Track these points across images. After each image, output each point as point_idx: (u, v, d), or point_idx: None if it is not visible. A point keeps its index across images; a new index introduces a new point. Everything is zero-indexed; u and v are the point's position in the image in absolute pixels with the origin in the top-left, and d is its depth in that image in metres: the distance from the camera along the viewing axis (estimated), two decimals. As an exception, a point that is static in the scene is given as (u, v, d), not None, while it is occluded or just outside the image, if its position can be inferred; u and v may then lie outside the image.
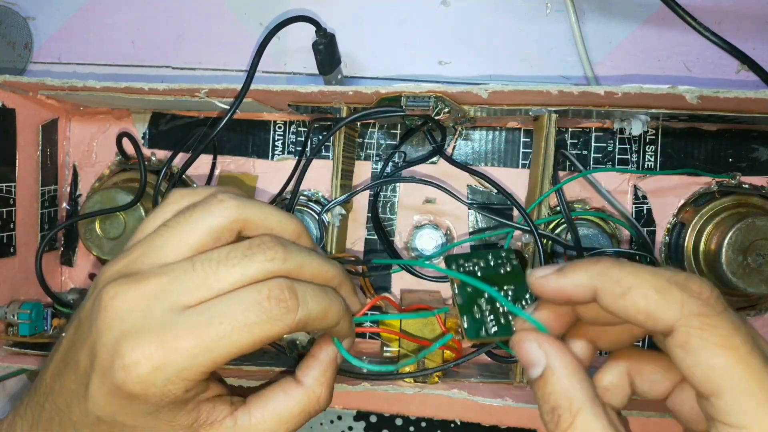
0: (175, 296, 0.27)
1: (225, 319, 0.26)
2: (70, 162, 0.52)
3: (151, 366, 0.26)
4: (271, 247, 0.28)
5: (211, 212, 0.29)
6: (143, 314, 0.26)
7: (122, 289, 0.27)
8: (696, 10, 0.42)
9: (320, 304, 0.28)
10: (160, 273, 0.27)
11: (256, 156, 0.50)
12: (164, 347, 0.26)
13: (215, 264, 0.27)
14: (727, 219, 0.43)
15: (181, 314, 0.26)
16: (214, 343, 0.26)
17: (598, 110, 0.40)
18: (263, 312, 0.26)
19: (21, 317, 0.45)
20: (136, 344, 0.26)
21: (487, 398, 0.39)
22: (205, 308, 0.27)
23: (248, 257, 0.28)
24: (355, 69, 0.50)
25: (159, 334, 0.26)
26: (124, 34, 0.52)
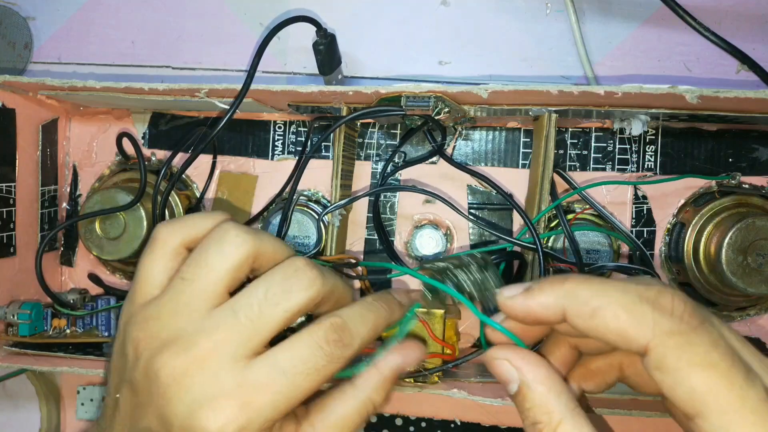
0: (232, 352, 0.27)
1: (294, 368, 0.27)
2: (70, 162, 0.52)
3: (237, 427, 0.26)
4: (308, 273, 0.28)
5: (225, 253, 0.29)
6: (209, 378, 0.27)
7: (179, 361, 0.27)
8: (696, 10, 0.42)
9: (370, 325, 0.30)
10: (207, 332, 0.27)
11: (256, 156, 0.50)
12: (245, 408, 0.26)
13: (257, 308, 0.27)
14: (727, 219, 0.43)
15: (247, 369, 0.27)
16: (290, 392, 0.27)
17: (598, 110, 0.40)
18: (325, 356, 0.27)
19: (21, 317, 0.45)
20: (214, 410, 0.26)
21: (487, 398, 0.39)
22: (272, 360, 0.27)
23: (287, 291, 0.28)
24: (355, 69, 0.50)
25: (235, 395, 0.26)
26: (124, 34, 0.52)
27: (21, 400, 0.54)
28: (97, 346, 0.46)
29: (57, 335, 0.46)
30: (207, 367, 0.27)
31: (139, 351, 0.28)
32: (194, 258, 0.29)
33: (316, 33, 0.46)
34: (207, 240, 0.29)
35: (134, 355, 0.29)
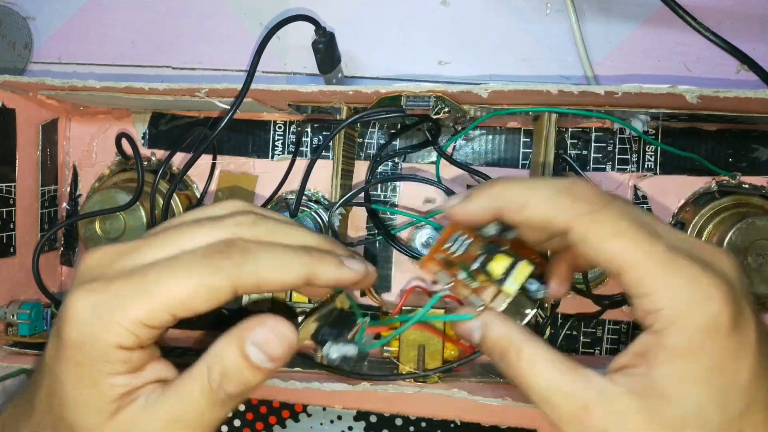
0: (137, 254, 0.27)
1: (164, 266, 0.26)
2: (70, 162, 0.52)
3: (87, 304, 0.25)
4: (242, 213, 0.28)
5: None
6: (98, 270, 0.27)
7: (89, 254, 0.28)
8: (696, 10, 0.42)
9: (275, 258, 0.27)
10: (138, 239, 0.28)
11: (256, 156, 0.50)
12: (104, 288, 0.25)
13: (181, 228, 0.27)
14: (727, 219, 0.43)
15: (132, 268, 0.26)
16: (150, 286, 0.25)
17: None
18: (205, 261, 0.26)
19: (21, 317, 0.45)
20: (79, 291, 0.26)
21: (487, 398, 0.39)
22: (151, 263, 0.26)
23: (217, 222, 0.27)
24: (355, 69, 0.50)
25: (106, 281, 0.26)
26: (124, 34, 0.52)
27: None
28: (97, 346, 0.46)
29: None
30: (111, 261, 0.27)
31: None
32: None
33: (315, 32, 0.46)
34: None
35: None
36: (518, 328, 0.28)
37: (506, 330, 0.28)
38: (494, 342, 0.28)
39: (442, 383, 0.40)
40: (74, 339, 0.25)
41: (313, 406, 0.52)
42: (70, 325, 0.25)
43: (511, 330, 0.28)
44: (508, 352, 0.27)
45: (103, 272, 0.26)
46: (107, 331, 0.25)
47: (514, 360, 0.27)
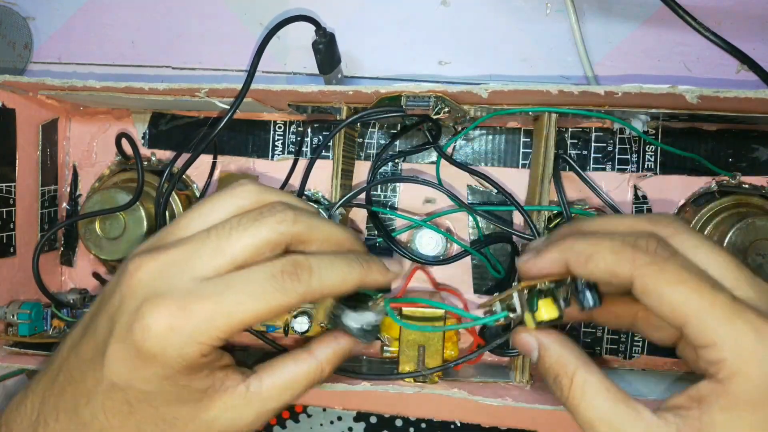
0: (194, 264, 0.28)
1: (241, 288, 0.28)
2: (70, 162, 0.52)
3: (169, 326, 0.27)
4: (281, 210, 0.30)
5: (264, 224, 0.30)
6: (165, 282, 0.28)
7: (145, 260, 0.29)
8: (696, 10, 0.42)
9: (337, 274, 0.30)
10: (179, 244, 0.29)
11: (256, 156, 0.50)
12: (183, 310, 0.27)
13: (228, 230, 0.29)
14: (727, 219, 0.43)
15: (201, 283, 0.28)
16: (229, 308, 0.28)
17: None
18: (276, 283, 0.28)
19: (21, 317, 0.45)
20: (156, 306, 0.27)
21: (488, 398, 0.39)
22: (224, 279, 0.28)
23: (259, 221, 0.29)
24: (355, 69, 0.50)
25: (179, 298, 0.27)
26: (124, 34, 0.52)
27: (21, 400, 0.54)
28: (97, 346, 0.46)
29: (57, 335, 0.46)
30: (169, 273, 0.28)
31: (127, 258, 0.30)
32: (211, 195, 0.32)
33: (316, 32, 0.46)
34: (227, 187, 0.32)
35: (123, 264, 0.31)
36: (575, 353, 0.29)
37: (562, 354, 0.29)
38: (550, 365, 0.29)
39: (442, 383, 0.40)
40: (157, 353, 0.27)
41: (313, 407, 0.52)
42: (150, 341, 0.27)
43: (567, 354, 0.29)
44: (561, 376, 0.28)
45: (168, 289, 0.28)
46: (191, 349, 0.27)
47: (566, 385, 0.28)
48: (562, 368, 0.29)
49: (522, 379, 0.41)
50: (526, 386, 0.41)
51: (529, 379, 0.41)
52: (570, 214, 0.43)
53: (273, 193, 0.32)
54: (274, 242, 0.29)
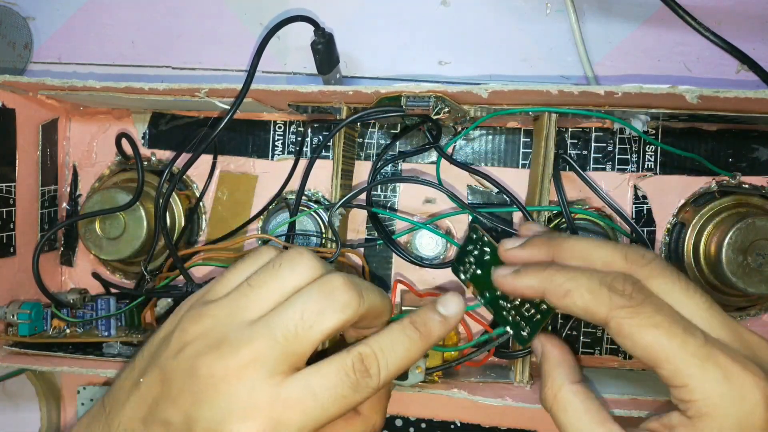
0: (270, 367, 0.28)
1: (322, 393, 0.28)
2: (70, 162, 0.52)
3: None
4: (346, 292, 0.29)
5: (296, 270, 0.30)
6: (243, 392, 0.27)
7: (217, 367, 0.28)
8: (696, 10, 0.42)
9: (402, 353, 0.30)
10: (246, 342, 0.28)
11: (256, 156, 0.50)
12: (273, 423, 0.27)
13: (293, 329, 0.28)
14: (727, 219, 0.43)
15: (280, 386, 0.28)
16: (316, 414, 0.28)
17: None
18: (352, 384, 0.28)
19: (21, 317, 0.45)
20: (244, 421, 0.27)
21: (488, 398, 0.39)
22: (304, 382, 0.28)
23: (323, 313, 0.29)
24: (354, 69, 0.50)
25: (263, 412, 0.27)
26: (124, 34, 0.52)
27: (21, 400, 0.54)
28: (97, 346, 0.46)
29: (57, 335, 0.46)
30: (244, 377, 0.28)
31: (186, 342, 0.29)
32: (266, 268, 0.31)
33: (314, 32, 0.46)
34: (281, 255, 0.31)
35: (179, 344, 0.30)
36: (566, 369, 0.30)
37: (555, 367, 0.31)
38: (544, 372, 0.31)
39: (442, 383, 0.40)
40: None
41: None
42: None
43: (560, 369, 0.31)
44: (548, 388, 0.30)
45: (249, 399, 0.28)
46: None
47: (550, 396, 0.30)
48: (551, 380, 0.30)
49: (522, 379, 0.41)
50: (526, 386, 0.41)
51: (529, 379, 0.41)
52: (570, 214, 0.43)
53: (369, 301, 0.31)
54: (341, 330, 0.30)
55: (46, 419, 0.53)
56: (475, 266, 0.35)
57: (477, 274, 0.35)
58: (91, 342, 0.46)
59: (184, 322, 0.30)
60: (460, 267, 0.35)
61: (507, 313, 0.34)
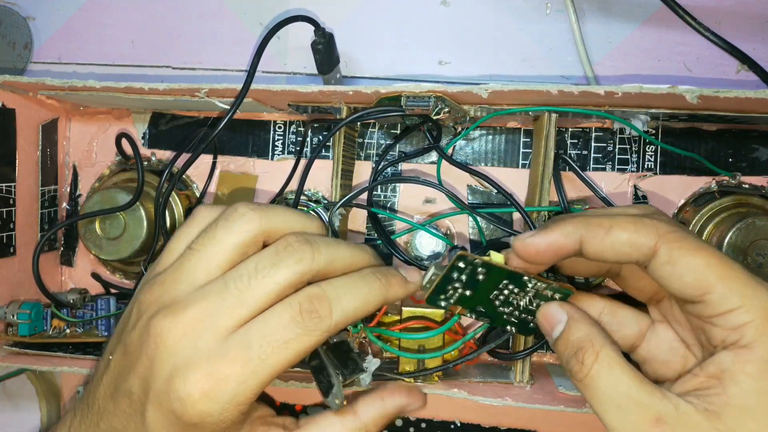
0: (217, 320, 0.28)
1: (264, 341, 0.27)
2: (70, 162, 0.52)
3: (203, 396, 0.27)
4: (298, 249, 0.29)
5: (233, 229, 0.30)
6: (190, 345, 0.28)
7: (167, 323, 0.28)
8: (696, 10, 0.42)
9: (358, 297, 0.29)
10: (197, 299, 0.28)
11: (256, 156, 0.50)
12: (214, 377, 0.27)
13: (246, 279, 0.28)
14: (727, 219, 0.43)
15: (225, 341, 0.28)
16: (258, 366, 0.27)
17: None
18: (298, 326, 0.28)
19: (20, 317, 0.45)
20: (187, 377, 0.27)
21: (488, 398, 0.39)
22: (244, 333, 0.28)
23: (276, 264, 0.28)
24: (354, 69, 0.50)
25: (207, 365, 0.27)
26: (124, 34, 0.52)
27: (21, 400, 0.54)
28: (97, 346, 0.46)
29: (57, 335, 0.46)
30: (192, 333, 0.28)
31: (140, 312, 0.30)
32: (205, 231, 0.31)
33: (315, 32, 0.46)
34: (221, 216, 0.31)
35: (136, 316, 0.30)
36: (602, 332, 0.28)
37: (591, 329, 0.28)
38: (576, 338, 0.28)
39: (442, 383, 0.40)
40: (197, 422, 0.28)
41: (313, 407, 0.52)
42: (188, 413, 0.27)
43: (596, 330, 0.28)
44: (586, 350, 0.27)
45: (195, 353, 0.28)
46: (229, 413, 0.28)
47: (590, 360, 0.27)
48: (589, 342, 0.28)
49: (522, 379, 0.41)
50: (526, 386, 0.41)
51: (529, 379, 0.41)
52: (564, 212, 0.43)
53: (275, 216, 0.31)
54: (295, 284, 0.29)
55: (46, 419, 0.53)
56: (463, 289, 0.32)
57: (466, 296, 0.33)
58: (91, 342, 0.46)
59: (139, 296, 0.31)
60: (440, 296, 0.33)
61: (508, 317, 0.33)
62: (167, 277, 0.30)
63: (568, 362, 0.28)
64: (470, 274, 0.32)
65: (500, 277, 0.32)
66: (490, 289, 0.32)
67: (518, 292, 0.32)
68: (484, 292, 0.32)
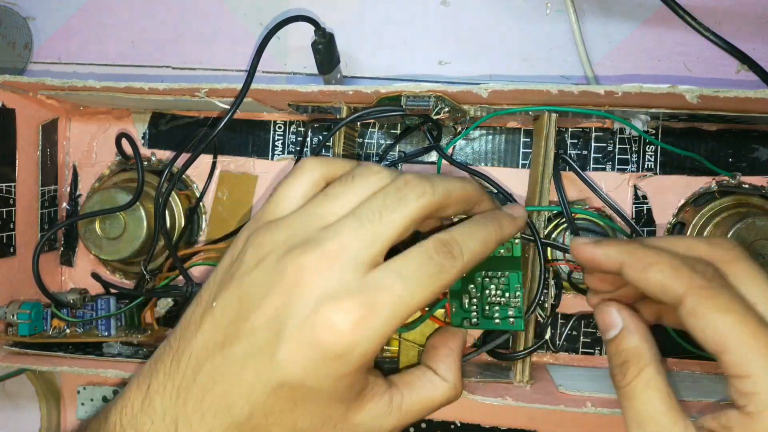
0: (357, 256, 0.28)
1: (410, 274, 0.28)
2: (70, 162, 0.52)
3: (356, 324, 0.27)
4: (418, 184, 0.30)
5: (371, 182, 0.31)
6: (336, 280, 0.28)
7: (305, 259, 0.28)
8: (696, 10, 0.42)
9: (479, 239, 0.31)
10: (332, 235, 0.29)
11: (256, 156, 0.50)
12: (366, 305, 0.27)
13: (378, 215, 0.29)
14: (727, 219, 0.43)
15: (370, 274, 0.28)
16: (407, 297, 0.28)
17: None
18: (436, 265, 0.29)
19: (20, 317, 0.45)
20: (338, 305, 0.27)
21: (488, 398, 0.39)
22: (389, 267, 0.28)
23: (402, 199, 0.30)
24: (354, 69, 0.50)
25: (359, 295, 0.28)
26: (124, 34, 0.52)
27: (21, 400, 0.54)
28: (97, 346, 0.46)
29: (57, 335, 0.46)
30: (333, 266, 0.28)
31: (264, 254, 0.29)
32: (342, 179, 0.31)
33: (315, 32, 0.46)
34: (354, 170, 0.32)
35: (256, 258, 0.30)
36: (653, 349, 0.29)
37: (642, 344, 0.29)
38: (626, 348, 0.29)
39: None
40: (344, 351, 0.27)
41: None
42: (339, 344, 0.27)
43: (647, 346, 0.29)
44: (631, 364, 0.29)
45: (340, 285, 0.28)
46: (376, 344, 0.28)
47: (633, 374, 0.28)
48: (636, 357, 0.29)
49: (522, 379, 0.41)
50: (526, 386, 0.41)
51: (529, 379, 0.41)
52: (570, 213, 0.43)
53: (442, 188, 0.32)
54: (421, 217, 0.30)
55: (46, 419, 0.53)
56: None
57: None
58: (91, 342, 0.46)
59: (257, 238, 0.30)
60: None
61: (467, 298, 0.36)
62: (294, 221, 0.30)
63: (612, 369, 0.30)
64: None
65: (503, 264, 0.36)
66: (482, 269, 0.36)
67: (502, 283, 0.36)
68: (475, 272, 0.36)
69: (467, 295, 0.37)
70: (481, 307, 0.36)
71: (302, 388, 0.28)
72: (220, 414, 0.29)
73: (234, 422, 0.29)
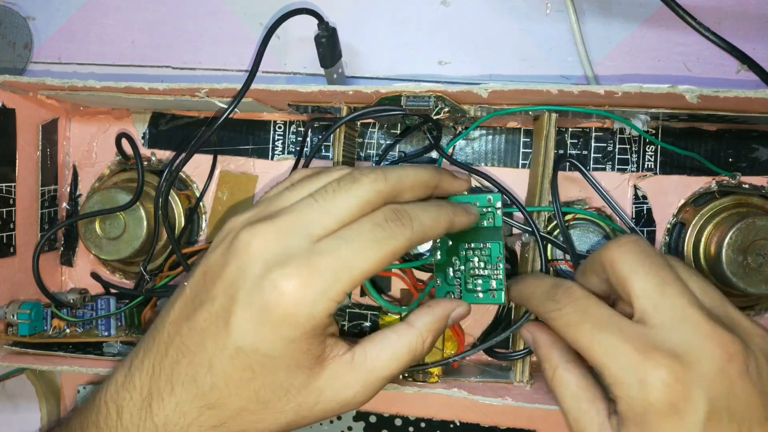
0: (306, 228, 0.30)
1: (355, 240, 0.30)
2: (70, 162, 0.52)
3: (301, 285, 0.29)
4: (372, 171, 0.32)
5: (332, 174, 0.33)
6: (283, 247, 0.30)
7: (258, 230, 0.30)
8: (696, 10, 0.42)
9: (431, 216, 0.33)
10: (285, 212, 0.31)
11: (256, 156, 0.50)
12: (310, 268, 0.29)
13: (332, 193, 0.31)
14: (727, 219, 0.43)
15: (317, 243, 0.30)
16: (351, 261, 0.29)
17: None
18: (384, 230, 0.30)
19: (21, 317, 0.45)
20: (284, 270, 0.29)
21: (488, 398, 0.39)
22: (335, 235, 0.30)
23: (357, 182, 0.31)
24: (355, 69, 0.50)
25: (303, 259, 0.29)
26: (124, 34, 0.52)
27: (21, 400, 0.54)
28: (97, 346, 0.46)
29: (57, 335, 0.46)
30: (283, 238, 0.30)
31: (226, 232, 0.32)
32: (308, 174, 0.34)
33: (318, 26, 0.46)
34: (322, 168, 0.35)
35: (220, 237, 0.32)
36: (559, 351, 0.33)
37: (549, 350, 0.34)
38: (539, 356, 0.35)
39: (442, 383, 0.40)
40: (290, 314, 0.29)
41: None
42: (284, 306, 0.29)
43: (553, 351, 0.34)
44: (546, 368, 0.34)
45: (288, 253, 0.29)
46: (322, 306, 0.29)
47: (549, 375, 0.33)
48: (548, 362, 0.33)
49: (522, 379, 0.41)
50: (526, 386, 0.41)
51: (529, 379, 0.41)
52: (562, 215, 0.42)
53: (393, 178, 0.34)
54: (374, 201, 0.31)
55: (46, 419, 0.53)
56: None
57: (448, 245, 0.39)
58: (91, 342, 0.46)
59: (224, 226, 0.33)
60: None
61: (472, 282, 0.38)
62: (258, 206, 0.33)
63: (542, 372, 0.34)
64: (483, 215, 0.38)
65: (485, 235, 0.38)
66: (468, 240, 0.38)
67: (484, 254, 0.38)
68: (460, 241, 0.38)
69: (451, 267, 0.38)
70: (464, 279, 0.38)
71: (257, 355, 0.29)
72: (186, 385, 0.30)
73: (199, 393, 0.30)
